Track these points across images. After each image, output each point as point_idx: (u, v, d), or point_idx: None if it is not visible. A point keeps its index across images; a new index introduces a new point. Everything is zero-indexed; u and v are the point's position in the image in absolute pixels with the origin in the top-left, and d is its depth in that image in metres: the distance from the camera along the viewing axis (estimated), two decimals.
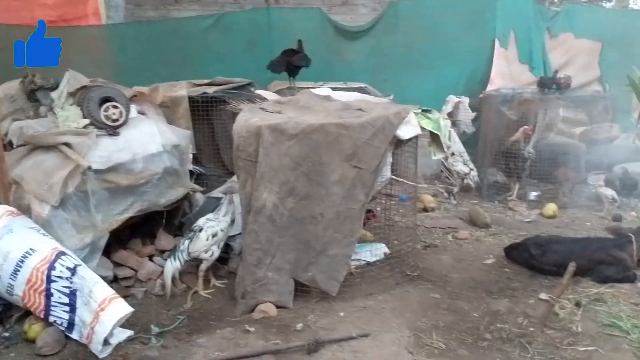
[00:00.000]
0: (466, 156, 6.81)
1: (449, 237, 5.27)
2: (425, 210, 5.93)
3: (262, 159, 3.68)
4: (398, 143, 4.00)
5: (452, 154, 6.68)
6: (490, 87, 7.83)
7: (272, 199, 3.72)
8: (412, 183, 6.79)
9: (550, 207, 5.81)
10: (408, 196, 6.37)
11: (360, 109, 3.95)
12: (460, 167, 6.40)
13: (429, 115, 4.11)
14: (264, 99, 4.74)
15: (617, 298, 3.99)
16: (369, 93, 6.35)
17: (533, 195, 6.42)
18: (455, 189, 6.50)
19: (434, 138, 4.15)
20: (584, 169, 6.58)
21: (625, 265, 4.27)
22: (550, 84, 6.58)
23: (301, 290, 3.97)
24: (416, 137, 4.11)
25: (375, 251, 4.57)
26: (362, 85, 6.72)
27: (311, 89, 4.86)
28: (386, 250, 4.65)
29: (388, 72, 7.80)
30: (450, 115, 7.54)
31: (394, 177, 5.55)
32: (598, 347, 3.40)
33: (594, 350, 3.37)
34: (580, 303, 3.87)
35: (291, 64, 6.20)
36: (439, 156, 4.21)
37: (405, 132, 3.88)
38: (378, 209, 5.35)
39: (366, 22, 7.84)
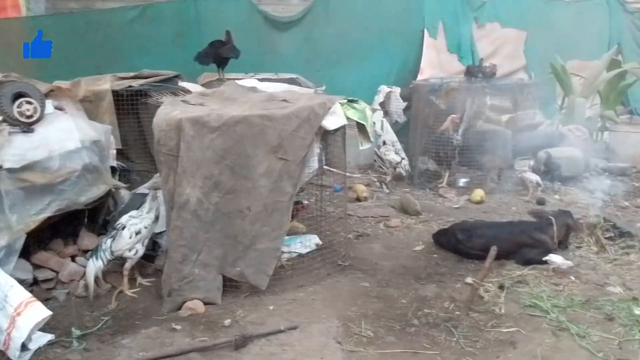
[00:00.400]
0: (398, 145, 6.90)
1: (381, 226, 5.32)
2: (358, 199, 5.96)
3: (184, 153, 3.59)
4: (325, 134, 3.98)
5: (384, 143, 6.77)
6: (420, 77, 7.96)
7: (195, 193, 3.63)
8: (344, 173, 6.91)
9: (478, 193, 5.96)
10: (342, 186, 6.44)
11: (285, 100, 3.91)
12: (392, 157, 6.48)
13: (354, 105, 4.12)
14: (187, 91, 4.63)
15: (538, 279, 4.13)
16: (299, 84, 6.32)
17: (462, 182, 6.57)
18: (388, 178, 6.57)
19: (361, 128, 4.16)
20: (510, 155, 6.79)
21: (546, 247, 4.42)
22: (476, 73, 6.74)
23: (230, 285, 3.92)
24: (343, 127, 4.11)
25: (307, 242, 4.56)
26: (294, 76, 6.68)
27: (237, 80, 4.78)
28: (318, 241, 4.64)
29: (320, 63, 7.79)
30: (382, 105, 7.62)
31: (327, 167, 5.59)
32: (520, 328, 3.50)
33: (516, 331, 3.48)
34: (504, 285, 3.98)
35: (219, 55, 6.08)
36: (366, 146, 4.23)
37: (331, 122, 3.87)
38: (312, 199, 5.34)
39: (297, 13, 7.78)
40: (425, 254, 4.66)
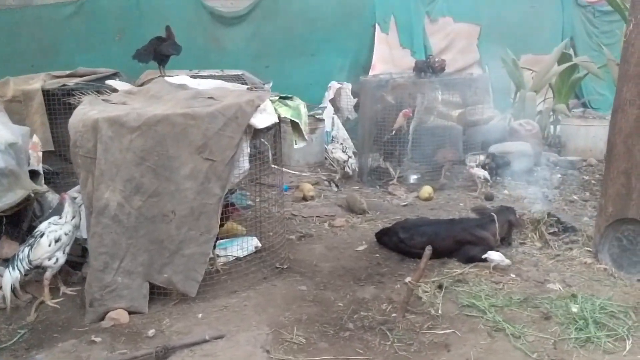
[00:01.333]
0: (348, 143, 6.79)
1: (325, 226, 5.18)
2: (304, 199, 5.82)
3: (102, 155, 3.38)
4: (256, 133, 3.82)
5: (332, 140, 6.64)
6: (372, 73, 7.87)
7: (115, 197, 3.44)
8: (281, 169, 6.75)
9: (426, 190, 5.88)
10: (289, 185, 6.30)
11: (211, 98, 3.73)
12: (339, 155, 6.35)
13: (287, 102, 3.96)
14: (114, 89, 4.41)
15: (479, 278, 4.04)
16: (245, 81, 6.15)
17: (413, 178, 6.48)
18: (337, 177, 6.44)
19: (294, 126, 4.00)
20: (461, 150, 6.73)
21: (488, 244, 4.34)
22: (425, 68, 6.65)
23: (159, 293, 3.73)
24: (276, 125, 3.96)
25: (245, 245, 4.40)
26: (240, 72, 6.51)
27: (166, 77, 4.58)
28: (257, 243, 4.49)
29: (269, 59, 7.64)
30: (332, 101, 7.50)
31: (275, 166, 5.43)
32: (455, 329, 3.39)
33: (451, 333, 3.37)
34: (442, 285, 3.88)
35: (159, 52, 5.85)
36: (300, 145, 4.07)
37: (261, 120, 3.71)
38: (257, 199, 5.17)
39: (244, 7, 7.59)
40: (367, 254, 4.54)
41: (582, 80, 8.68)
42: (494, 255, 4.08)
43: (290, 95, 4.09)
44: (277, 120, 3.82)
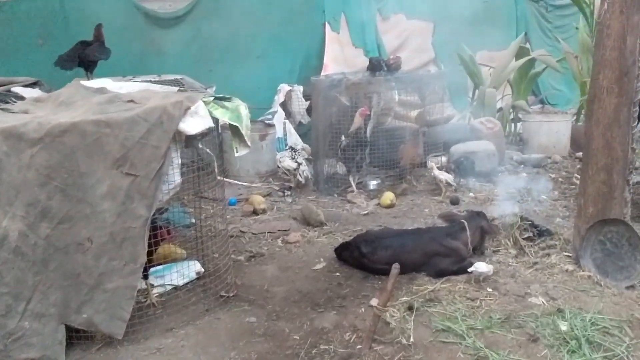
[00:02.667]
0: (300, 149, 6.28)
1: (279, 242, 4.63)
2: (255, 212, 5.26)
3: None
4: (188, 140, 3.25)
5: (287, 148, 6.12)
6: (324, 73, 7.37)
7: (16, 226, 2.82)
8: (245, 183, 6.20)
9: (387, 197, 5.40)
10: (238, 198, 5.73)
11: (131, 101, 3.15)
12: (287, 163, 5.82)
13: (225, 103, 3.41)
14: (21, 97, 3.78)
15: (452, 294, 3.57)
16: (184, 85, 5.56)
17: (373, 184, 6.00)
18: (291, 186, 5.91)
19: (234, 131, 3.45)
20: (422, 152, 6.30)
21: (459, 254, 3.88)
22: (379, 67, 6.19)
23: (78, 337, 3.13)
24: (212, 131, 3.40)
25: (185, 271, 3.82)
26: (179, 77, 5.89)
27: (82, 81, 3.98)
28: (199, 268, 3.91)
29: (213, 62, 7.04)
30: (283, 105, 6.98)
31: (225, 179, 4.86)
32: None
33: None
34: (413, 306, 3.39)
35: (85, 57, 5.21)
36: (243, 152, 3.51)
37: (192, 125, 3.15)
38: (202, 216, 4.58)
39: (182, 7, 6.99)
40: (326, 273, 4.01)
41: (539, 77, 8.38)
42: (481, 267, 3.62)
43: (228, 96, 3.53)
44: (213, 125, 3.26)
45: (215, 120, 3.36)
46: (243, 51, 7.21)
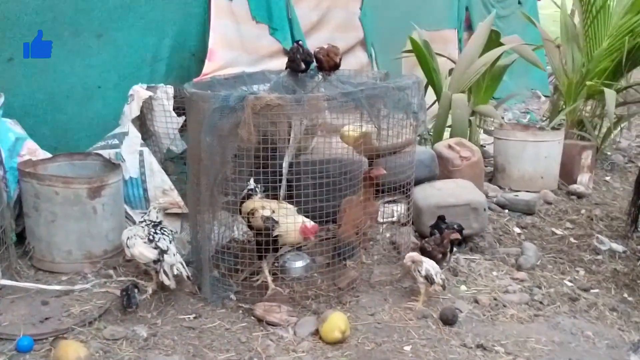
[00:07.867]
0: (167, 206, 3.52)
1: None
2: None
3: None
4: None
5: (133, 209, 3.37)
6: (209, 65, 4.66)
7: None
8: (50, 287, 3.41)
9: (334, 325, 2.74)
10: (36, 337, 2.94)
11: None
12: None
13: None
14: None
15: None
16: None
17: (297, 267, 3.47)
18: (149, 290, 3.19)
19: None
20: (378, 208, 3.82)
21: None
22: (303, 63, 3.58)
23: None
24: None
25: None
26: None
27: None
28: None
29: (14, 46, 4.07)
30: (140, 119, 4.19)
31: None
32: None
33: None
34: None
35: None
36: None
37: None
38: None
39: None
40: None
41: (505, 71, 6.18)
42: None
43: None
44: None
45: None
46: (71, 26, 4.26)
